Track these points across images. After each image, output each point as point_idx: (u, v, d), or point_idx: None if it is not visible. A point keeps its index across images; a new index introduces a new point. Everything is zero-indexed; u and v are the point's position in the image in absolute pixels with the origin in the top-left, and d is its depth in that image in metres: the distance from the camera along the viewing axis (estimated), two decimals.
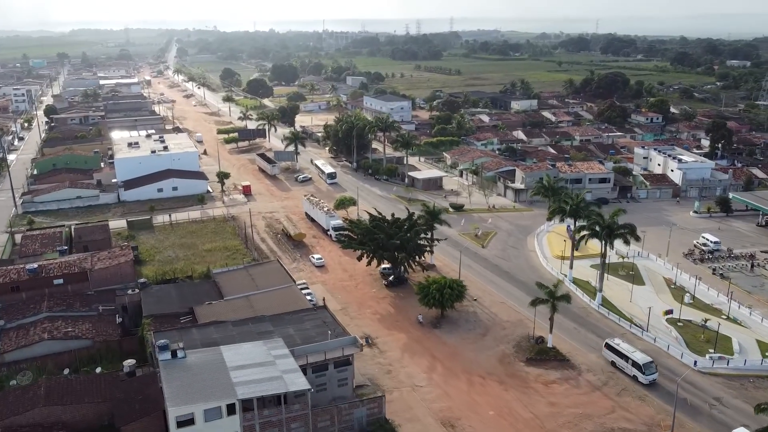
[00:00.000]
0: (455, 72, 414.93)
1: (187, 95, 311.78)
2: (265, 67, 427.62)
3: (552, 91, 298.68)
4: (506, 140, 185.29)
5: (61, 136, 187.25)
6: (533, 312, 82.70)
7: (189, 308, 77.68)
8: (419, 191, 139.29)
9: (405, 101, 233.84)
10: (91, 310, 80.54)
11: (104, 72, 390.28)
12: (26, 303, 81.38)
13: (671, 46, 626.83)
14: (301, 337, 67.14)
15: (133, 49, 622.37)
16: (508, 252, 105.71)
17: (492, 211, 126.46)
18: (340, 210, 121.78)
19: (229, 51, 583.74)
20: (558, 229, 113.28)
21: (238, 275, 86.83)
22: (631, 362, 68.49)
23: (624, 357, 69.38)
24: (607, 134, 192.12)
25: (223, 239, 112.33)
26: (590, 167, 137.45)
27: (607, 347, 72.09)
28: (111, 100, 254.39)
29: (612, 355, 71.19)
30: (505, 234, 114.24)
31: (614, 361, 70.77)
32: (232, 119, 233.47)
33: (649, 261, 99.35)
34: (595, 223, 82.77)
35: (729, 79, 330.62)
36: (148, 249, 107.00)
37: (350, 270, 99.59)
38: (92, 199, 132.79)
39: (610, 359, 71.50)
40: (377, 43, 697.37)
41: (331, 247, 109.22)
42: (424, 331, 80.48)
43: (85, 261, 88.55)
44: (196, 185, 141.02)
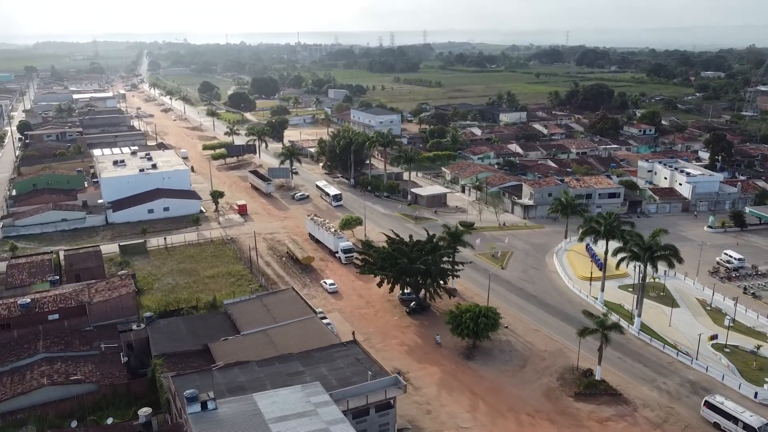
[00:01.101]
0: (436, 84, 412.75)
1: (165, 109, 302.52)
2: (243, 80, 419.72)
3: (536, 103, 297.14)
4: (502, 154, 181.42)
5: (38, 153, 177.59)
6: (572, 340, 78.09)
7: (203, 345, 70.78)
8: (424, 209, 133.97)
9: (394, 115, 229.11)
10: (93, 348, 73.12)
11: (76, 86, 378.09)
12: (19, 342, 73.59)
13: (642, 58, 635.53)
14: (337, 377, 60.88)
15: (103, 62, 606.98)
16: (529, 273, 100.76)
17: (503, 229, 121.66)
18: (346, 230, 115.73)
19: (203, 64, 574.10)
20: (576, 248, 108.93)
21: (252, 306, 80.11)
22: (741, 425, 59.54)
23: (732, 419, 60.40)
24: (603, 147, 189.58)
25: (225, 264, 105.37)
26: (599, 182, 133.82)
27: (709, 406, 62.66)
28: (87, 115, 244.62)
29: (715, 415, 61.94)
30: (522, 253, 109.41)
31: (718, 422, 61.62)
32: (216, 134, 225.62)
33: (677, 281, 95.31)
34: (635, 244, 78.01)
35: (709, 90, 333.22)
36: (145, 276, 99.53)
37: (366, 296, 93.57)
38: (78, 222, 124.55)
39: (712, 420, 62.22)
40: (352, 56, 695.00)
41: (341, 271, 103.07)
42: (458, 363, 74.80)
43: (83, 293, 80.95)
44: (188, 205, 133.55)
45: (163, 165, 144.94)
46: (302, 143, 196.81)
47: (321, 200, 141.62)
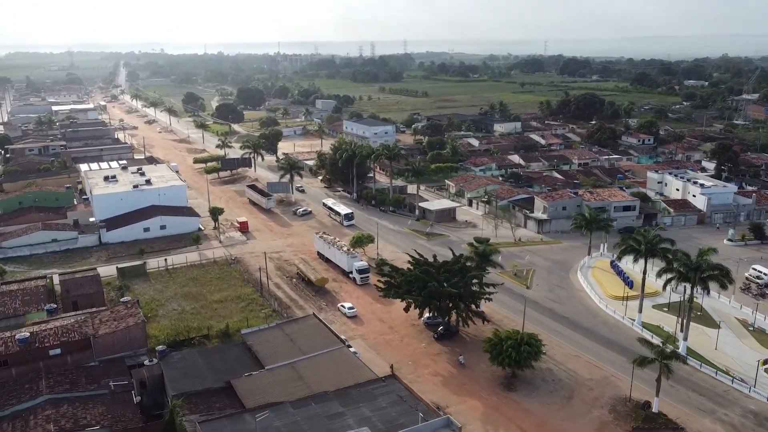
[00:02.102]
0: (422, 94, 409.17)
1: (148, 121, 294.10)
2: (227, 91, 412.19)
3: (527, 113, 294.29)
4: (504, 165, 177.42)
5: (21, 169, 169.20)
6: (617, 366, 73.75)
7: (225, 382, 64.57)
8: (431, 223, 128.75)
9: (389, 125, 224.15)
10: (101, 387, 66.48)
11: (54, 97, 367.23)
12: (19, 382, 66.69)
13: (621, 67, 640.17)
14: (382, 419, 55.20)
15: (79, 73, 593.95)
16: (556, 293, 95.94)
17: (519, 245, 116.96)
18: (357, 248, 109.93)
19: (183, 74, 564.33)
20: (600, 264, 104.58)
21: (273, 336, 73.98)
22: None
23: None
24: (604, 157, 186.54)
25: (232, 286, 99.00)
26: (612, 194, 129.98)
27: None
28: (69, 127, 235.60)
29: None
30: (544, 271, 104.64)
31: None
32: (206, 146, 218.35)
33: (711, 299, 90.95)
34: (682, 264, 73.46)
35: (696, 99, 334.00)
36: (148, 302, 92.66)
37: (387, 320, 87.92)
38: (70, 242, 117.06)
39: None
40: (334, 66, 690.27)
41: (357, 293, 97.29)
42: (499, 395, 69.46)
43: (86, 324, 74.16)
44: (186, 223, 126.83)
45: (157, 180, 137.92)
46: (297, 156, 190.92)
47: (325, 216, 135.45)
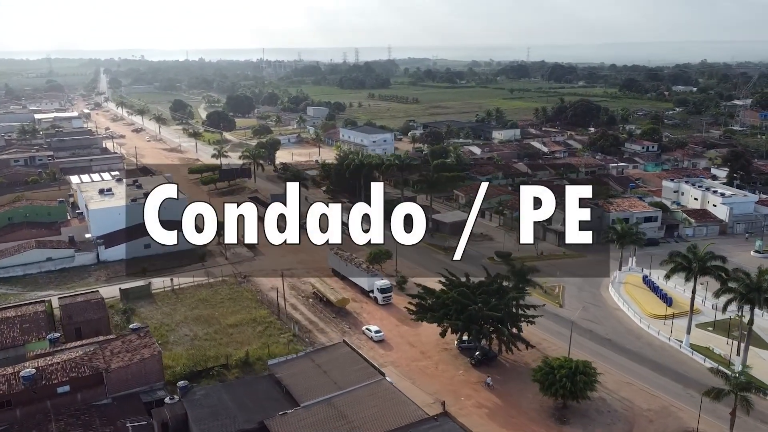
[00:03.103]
0: (412, 100, 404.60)
1: (136, 129, 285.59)
2: (213, 98, 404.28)
3: (522, 119, 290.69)
4: (510, 174, 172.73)
5: (7, 181, 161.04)
6: (674, 395, 68.77)
7: (258, 423, 58.38)
8: (449, 237, 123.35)
9: (387, 133, 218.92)
10: (117, 429, 59.93)
11: (36, 105, 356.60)
12: (25, 426, 60.01)
13: (606, 73, 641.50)
14: None
15: (59, 80, 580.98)
16: (592, 312, 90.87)
17: (542, 259, 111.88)
18: (374, 265, 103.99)
19: (167, 81, 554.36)
20: (631, 279, 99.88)
21: (303, 367, 67.82)
22: None
23: None
24: (611, 165, 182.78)
25: (246, 308, 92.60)
26: (633, 205, 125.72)
27: None
28: (55, 137, 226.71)
29: None
30: (574, 288, 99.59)
31: None
32: (199, 156, 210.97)
33: (755, 316, 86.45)
34: (743, 284, 68.65)
35: (690, 105, 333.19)
36: (157, 327, 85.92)
37: (417, 344, 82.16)
38: (66, 261, 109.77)
39: None
40: (319, 72, 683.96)
41: (379, 313, 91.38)
42: (552, 429, 63.96)
43: (96, 357, 67.45)
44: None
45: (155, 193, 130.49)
46: (296, 165, 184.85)
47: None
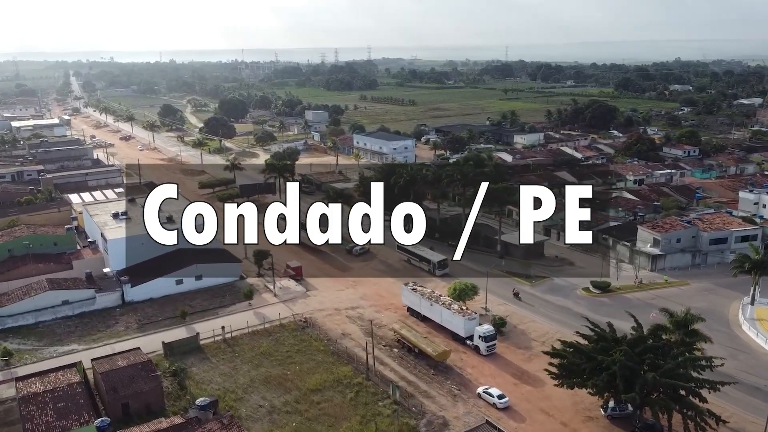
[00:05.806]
0: (409, 102, 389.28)
1: (124, 137, 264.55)
2: (199, 102, 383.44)
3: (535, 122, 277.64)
4: (555, 184, 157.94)
5: None
6: None
7: None
8: (523, 261, 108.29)
9: (408, 140, 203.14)
10: None
11: (9, 111, 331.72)
12: None
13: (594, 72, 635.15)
14: None
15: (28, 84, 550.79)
16: (742, 359, 76.18)
17: (643, 288, 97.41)
18: (460, 303, 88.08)
19: (145, 84, 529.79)
20: (763, 314, 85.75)
21: None
22: None
23: None
24: (658, 172, 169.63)
25: (321, 364, 75.87)
26: (726, 222, 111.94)
27: None
28: (39, 147, 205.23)
29: None
30: (700, 325, 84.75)
31: None
32: (205, 167, 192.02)
33: None
34: None
35: (699, 105, 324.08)
36: (220, 395, 68.77)
37: (551, 410, 66.57)
38: (86, 304, 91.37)
39: None
40: (301, 73, 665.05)
41: (486, 368, 75.54)
42: None
43: None
44: (225, 270, 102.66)
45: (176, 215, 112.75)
46: (316, 176, 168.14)
47: (390, 254, 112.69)
